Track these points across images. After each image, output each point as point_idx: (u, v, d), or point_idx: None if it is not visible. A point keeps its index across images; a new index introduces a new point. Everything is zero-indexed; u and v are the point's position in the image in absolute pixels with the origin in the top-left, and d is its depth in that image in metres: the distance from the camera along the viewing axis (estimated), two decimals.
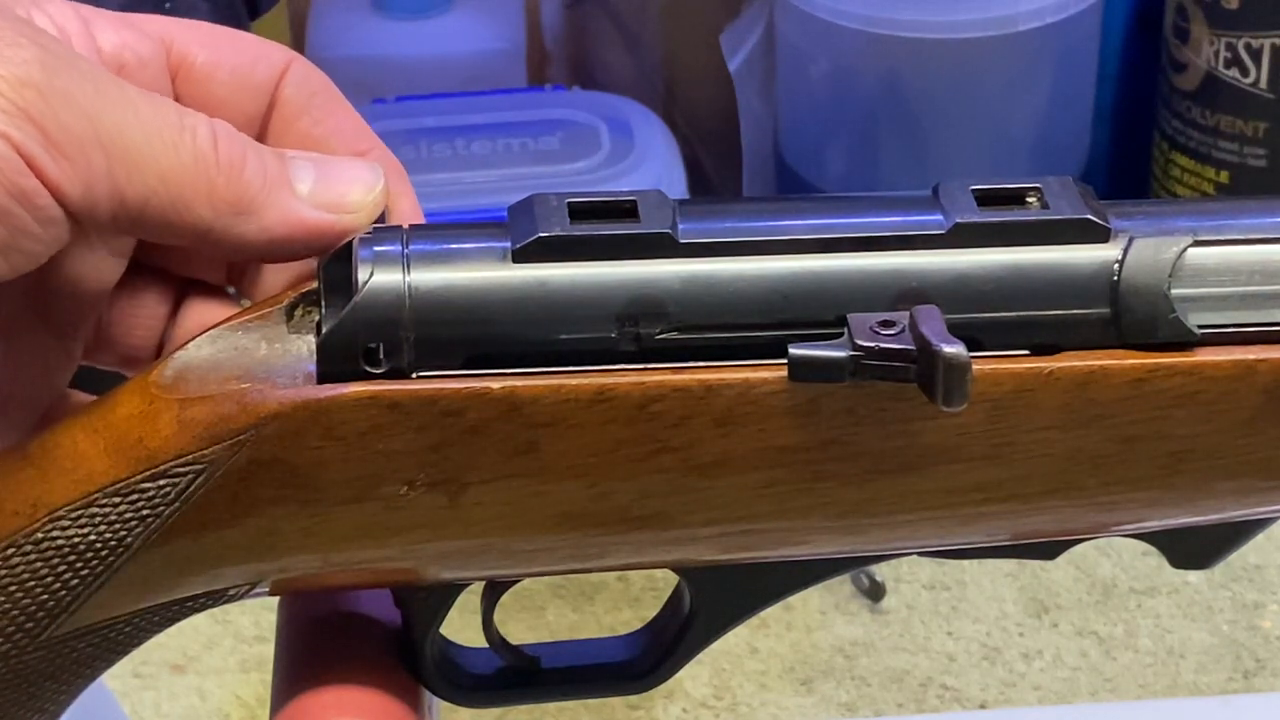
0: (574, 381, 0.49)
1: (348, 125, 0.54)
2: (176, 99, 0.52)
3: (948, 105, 1.19)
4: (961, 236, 0.51)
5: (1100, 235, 0.51)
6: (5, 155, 0.46)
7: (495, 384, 0.49)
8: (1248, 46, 1.14)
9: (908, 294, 0.50)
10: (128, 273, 0.54)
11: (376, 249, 0.50)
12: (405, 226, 0.51)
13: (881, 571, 0.98)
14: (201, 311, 0.54)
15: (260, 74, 0.53)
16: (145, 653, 0.53)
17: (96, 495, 0.49)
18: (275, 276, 0.54)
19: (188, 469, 0.49)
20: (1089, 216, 0.51)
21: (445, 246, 0.50)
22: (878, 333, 0.49)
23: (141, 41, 0.52)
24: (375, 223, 0.52)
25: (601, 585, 1.07)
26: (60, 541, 0.49)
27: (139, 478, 0.49)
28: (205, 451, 0.49)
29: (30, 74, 0.47)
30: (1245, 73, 1.14)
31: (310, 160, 0.52)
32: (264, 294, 0.54)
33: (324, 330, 0.50)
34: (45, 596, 0.50)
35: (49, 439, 0.50)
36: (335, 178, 0.51)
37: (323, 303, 0.50)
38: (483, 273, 0.50)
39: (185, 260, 0.55)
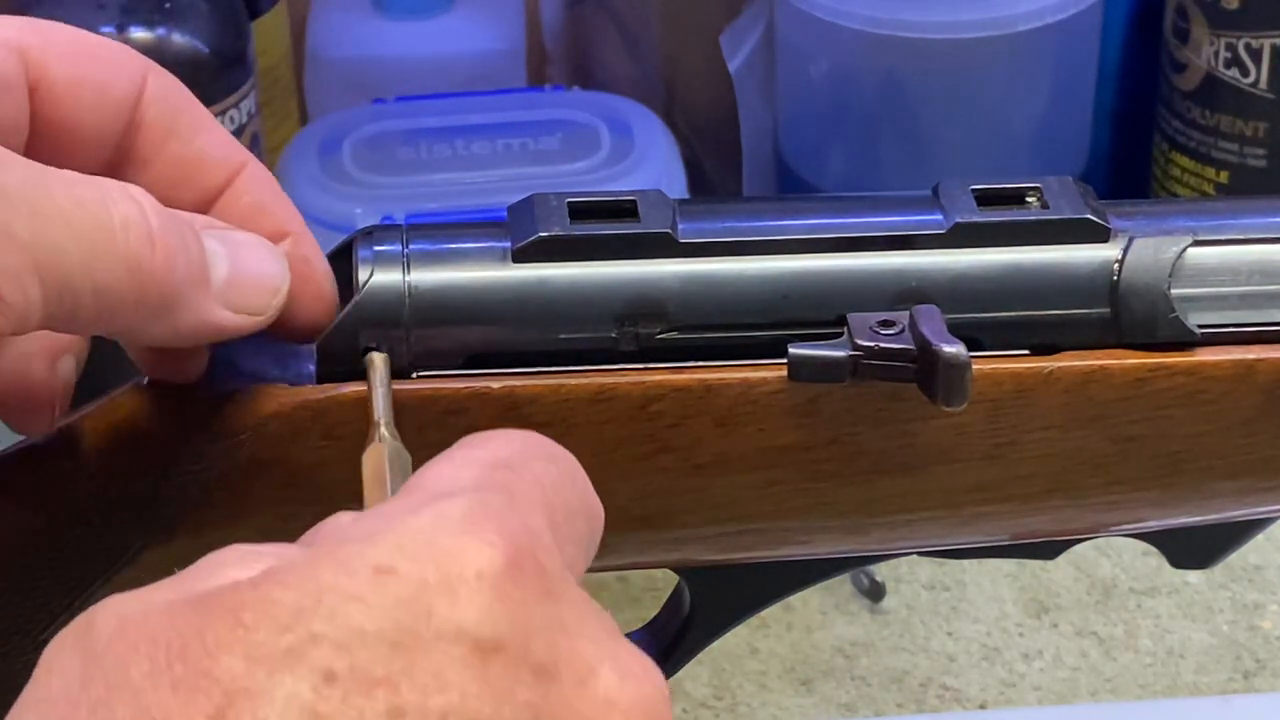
0: (574, 381, 0.49)
1: (217, 140, 0.51)
2: (33, 119, 0.48)
3: (948, 105, 1.19)
4: (961, 236, 0.51)
5: (1100, 235, 0.51)
6: None
7: (495, 384, 0.49)
8: (1248, 47, 1.14)
9: (907, 294, 0.50)
10: None
11: (376, 248, 0.50)
12: (405, 226, 0.51)
13: (881, 571, 0.97)
14: None
15: (120, 90, 0.49)
16: None
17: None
18: None
19: (187, 469, 0.49)
20: (1089, 216, 0.51)
21: (445, 246, 0.50)
22: (877, 332, 0.49)
23: (5, 59, 0.48)
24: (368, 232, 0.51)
25: (601, 585, 1.07)
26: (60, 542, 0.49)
27: (138, 478, 0.49)
28: (205, 451, 0.49)
29: None
30: (1245, 73, 1.14)
31: (221, 243, 0.48)
32: None
33: (324, 330, 0.49)
34: (45, 597, 0.50)
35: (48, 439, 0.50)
36: (245, 274, 0.48)
37: None
38: (483, 272, 0.50)
39: None
